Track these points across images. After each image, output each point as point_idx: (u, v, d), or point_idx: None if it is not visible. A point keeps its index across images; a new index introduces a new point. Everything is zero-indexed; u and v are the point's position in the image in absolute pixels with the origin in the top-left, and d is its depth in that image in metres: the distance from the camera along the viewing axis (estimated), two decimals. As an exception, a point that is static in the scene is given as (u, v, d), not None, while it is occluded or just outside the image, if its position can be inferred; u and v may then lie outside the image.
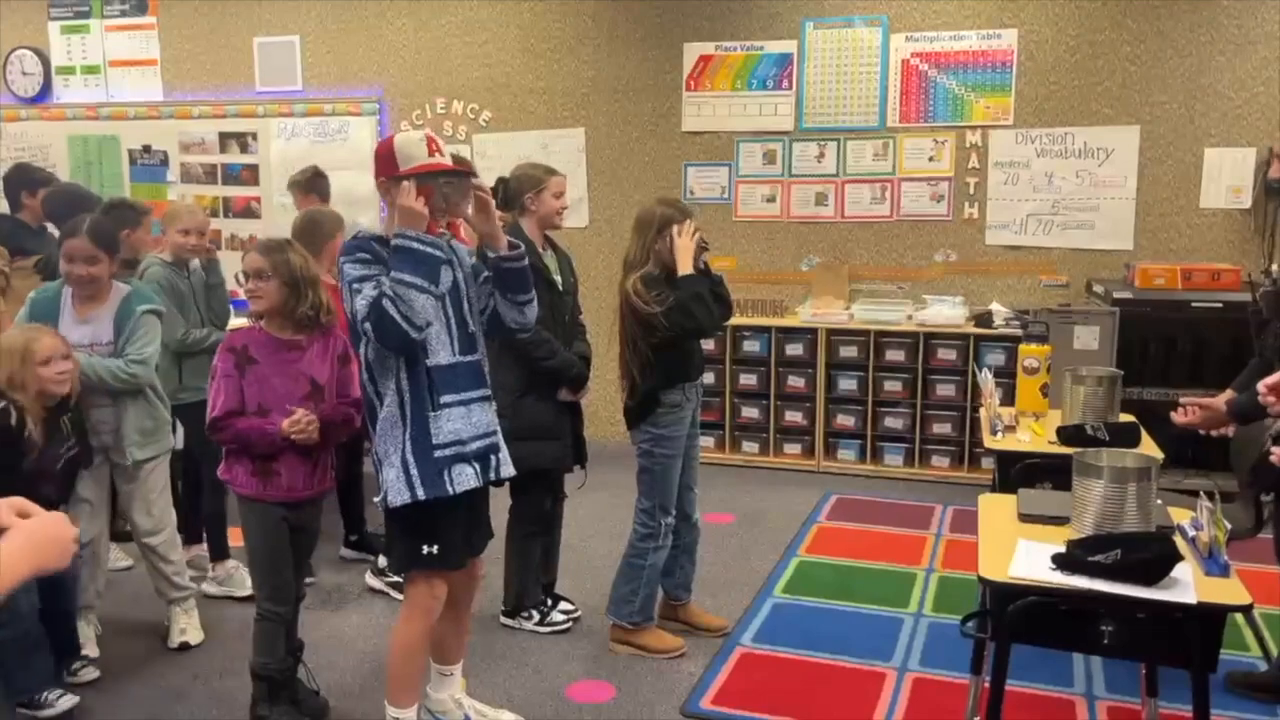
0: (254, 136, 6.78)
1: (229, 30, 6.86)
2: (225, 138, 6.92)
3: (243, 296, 3.08)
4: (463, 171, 2.73)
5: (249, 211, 6.93)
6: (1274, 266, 3.02)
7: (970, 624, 2.34)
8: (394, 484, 2.67)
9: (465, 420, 2.72)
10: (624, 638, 3.58)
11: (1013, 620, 2.04)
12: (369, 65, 6.63)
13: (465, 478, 2.72)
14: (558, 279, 3.69)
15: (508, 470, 2.87)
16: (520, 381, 3.54)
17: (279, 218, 5.82)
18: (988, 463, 5.50)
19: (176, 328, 3.84)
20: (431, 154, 2.65)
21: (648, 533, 3.50)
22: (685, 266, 3.32)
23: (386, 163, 2.67)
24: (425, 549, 2.73)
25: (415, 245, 2.56)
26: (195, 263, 4.05)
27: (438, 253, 2.60)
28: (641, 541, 3.52)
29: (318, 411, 2.95)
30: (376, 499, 2.74)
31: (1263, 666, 3.36)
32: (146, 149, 7.10)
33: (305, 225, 4.11)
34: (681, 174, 6.20)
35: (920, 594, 4.06)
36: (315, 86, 6.75)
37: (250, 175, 6.90)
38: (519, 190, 3.63)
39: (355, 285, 2.60)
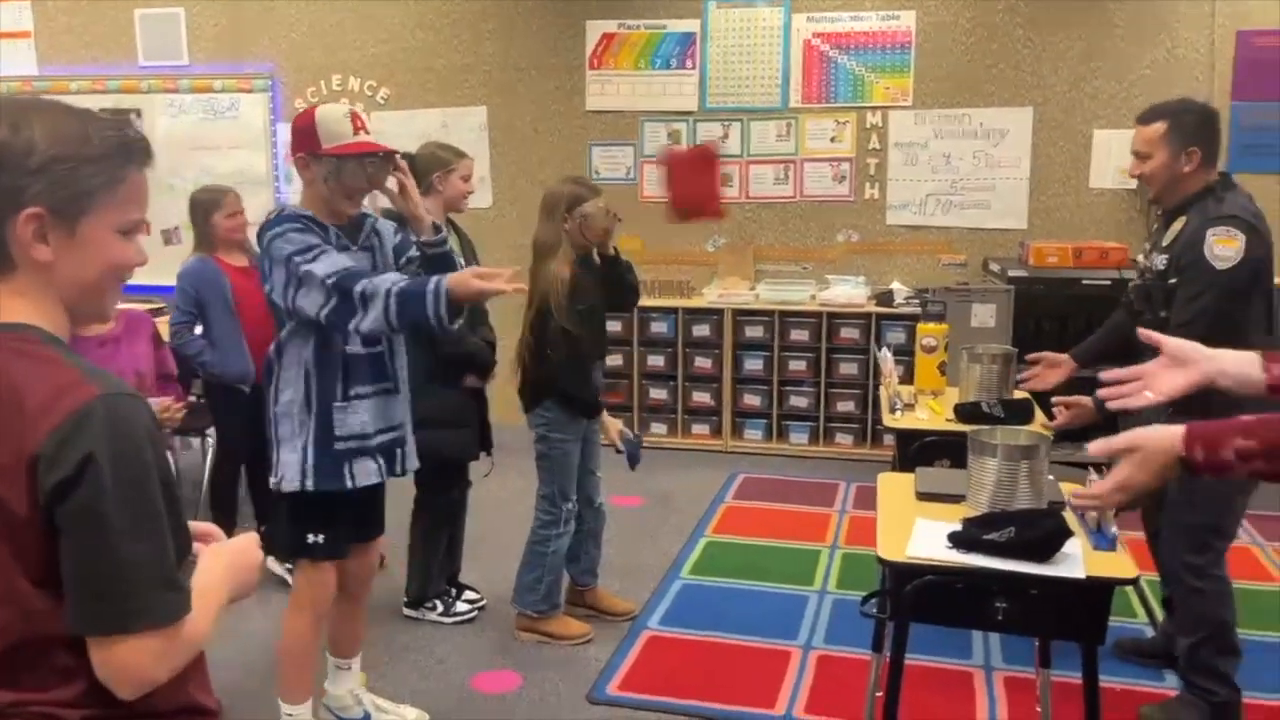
0: (138, 113, 6.46)
1: (108, 1, 6.52)
2: (109, 114, 6.59)
3: None
4: (388, 153, 2.61)
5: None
6: (1140, 258, 3.12)
7: (870, 604, 2.35)
8: (290, 468, 2.58)
9: (372, 413, 2.63)
10: (530, 625, 3.53)
11: (910, 600, 2.05)
12: (260, 40, 6.38)
13: (367, 472, 2.64)
14: (460, 262, 3.60)
15: (413, 463, 2.80)
16: (424, 368, 3.44)
17: (166, 199, 5.56)
18: (890, 440, 5.60)
19: None
20: (356, 131, 2.53)
21: (549, 519, 3.46)
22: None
23: (306, 138, 2.53)
24: (311, 537, 2.65)
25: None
26: None
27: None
28: (543, 528, 3.47)
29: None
30: (273, 478, 2.64)
31: (1150, 633, 3.49)
32: (21, 126, 6.72)
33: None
34: (586, 154, 6.13)
35: (825, 571, 4.11)
36: (202, 61, 6.47)
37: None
38: (425, 170, 3.52)
39: (301, 255, 2.45)
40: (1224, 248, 2.69)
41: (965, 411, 3.18)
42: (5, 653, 1.13)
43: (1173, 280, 2.82)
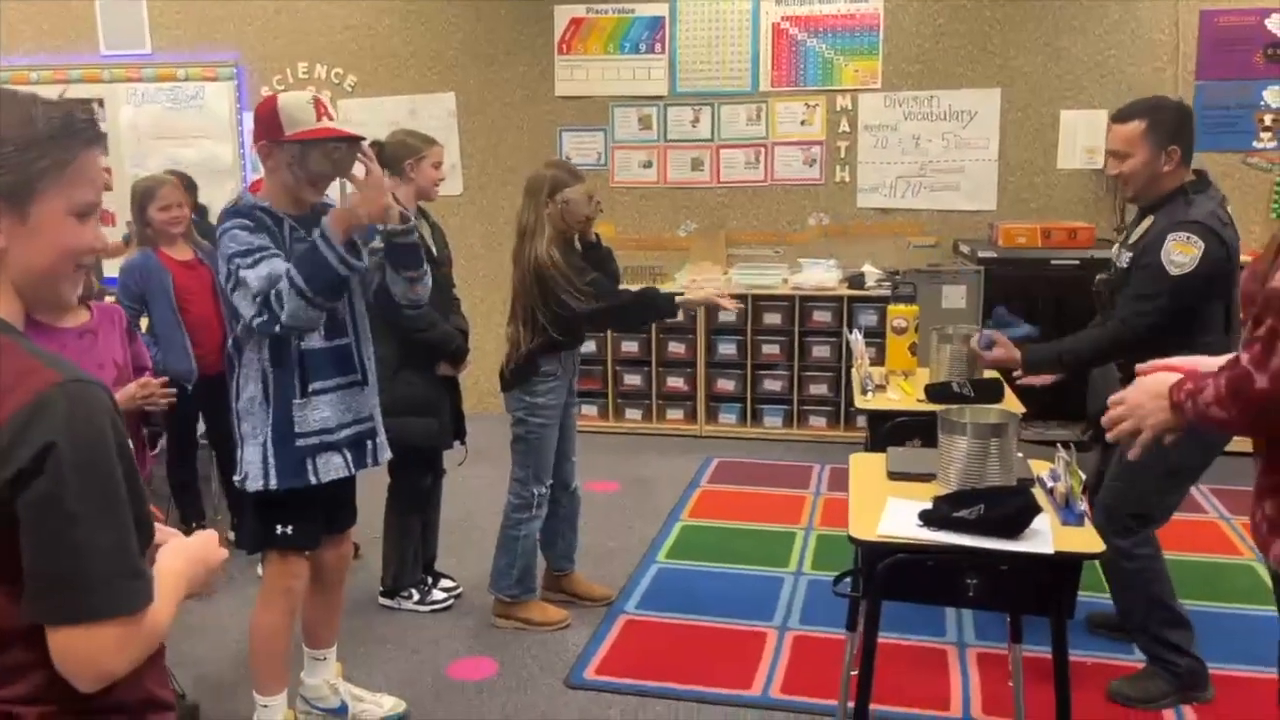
0: (100, 103, 6.37)
1: (68, -12, 6.42)
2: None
3: None
4: (353, 138, 2.57)
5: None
6: (1113, 250, 3.17)
7: (843, 584, 2.37)
8: (253, 466, 2.56)
9: (336, 407, 2.61)
10: (506, 612, 3.54)
11: (881, 578, 2.07)
12: (224, 27, 6.30)
13: (332, 467, 2.62)
14: (433, 250, 3.59)
15: (385, 454, 2.79)
16: (396, 356, 3.43)
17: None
18: (863, 421, 5.63)
19: None
20: (320, 118, 2.48)
21: (521, 503, 3.46)
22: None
23: (269, 125, 2.48)
24: (280, 529, 2.63)
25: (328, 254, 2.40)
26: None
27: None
28: (515, 512, 3.47)
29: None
30: (237, 477, 2.62)
31: (1119, 606, 3.53)
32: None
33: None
34: (557, 139, 6.11)
35: (800, 553, 4.14)
36: (166, 49, 6.38)
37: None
38: (396, 158, 3.49)
39: (241, 258, 2.42)
40: (1180, 254, 2.74)
41: (936, 391, 3.20)
42: None
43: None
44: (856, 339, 3.53)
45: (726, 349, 5.82)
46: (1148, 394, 1.75)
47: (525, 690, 3.16)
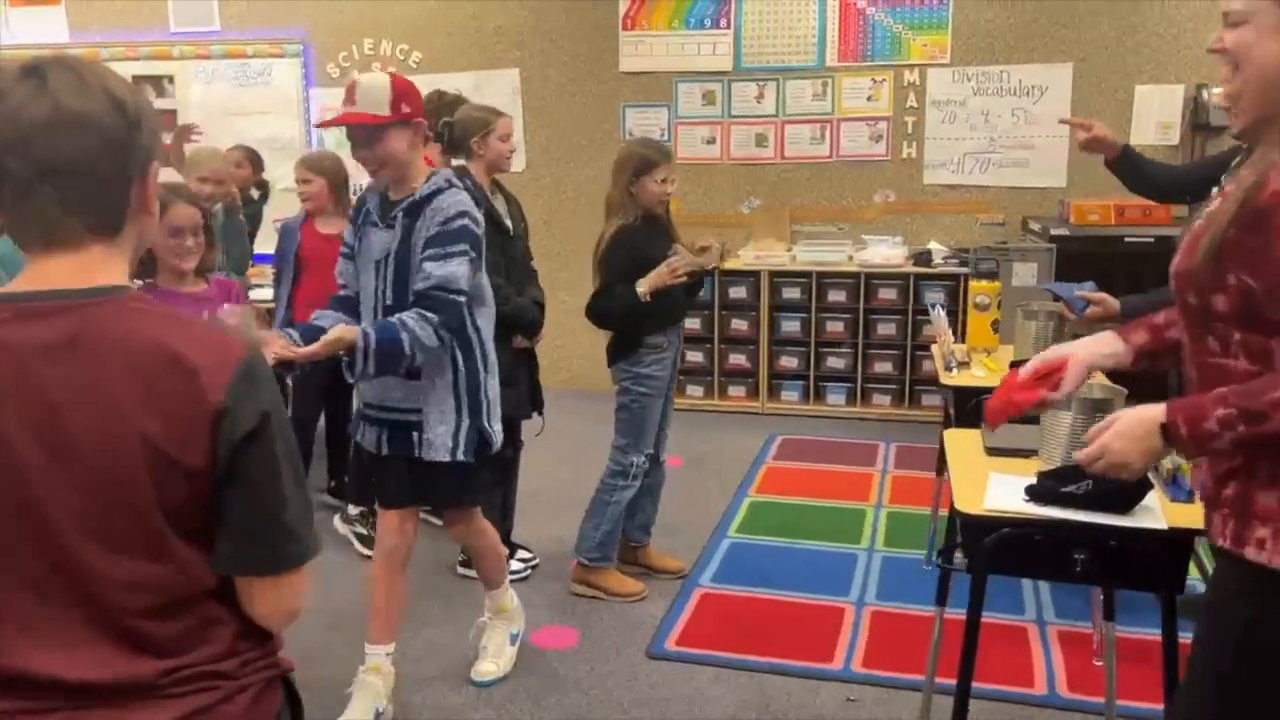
0: (170, 80, 6.46)
1: (138, -34, 6.50)
2: (139, 81, 6.57)
3: None
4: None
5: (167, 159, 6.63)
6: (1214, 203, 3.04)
7: (941, 557, 2.37)
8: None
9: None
10: (585, 577, 3.58)
11: (988, 552, 2.07)
12: (291, 4, 6.35)
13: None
14: (508, 224, 3.61)
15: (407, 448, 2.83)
16: (473, 329, 3.48)
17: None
18: (929, 400, 5.60)
19: None
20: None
21: (619, 470, 3.51)
22: (648, 284, 3.32)
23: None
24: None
25: None
26: (217, 208, 4.06)
27: None
28: (610, 479, 3.53)
29: None
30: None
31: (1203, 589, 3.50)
32: (53, 94, 6.72)
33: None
34: (620, 116, 6.10)
35: (871, 530, 4.13)
36: (234, 27, 6.45)
37: (169, 120, 6.57)
38: (465, 134, 3.52)
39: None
40: None
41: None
42: (160, 611, 1.14)
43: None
44: (939, 316, 3.51)
45: (790, 326, 5.80)
46: (1123, 437, 1.57)
47: (607, 659, 3.19)
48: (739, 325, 5.86)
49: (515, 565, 3.76)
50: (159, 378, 1.10)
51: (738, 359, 5.92)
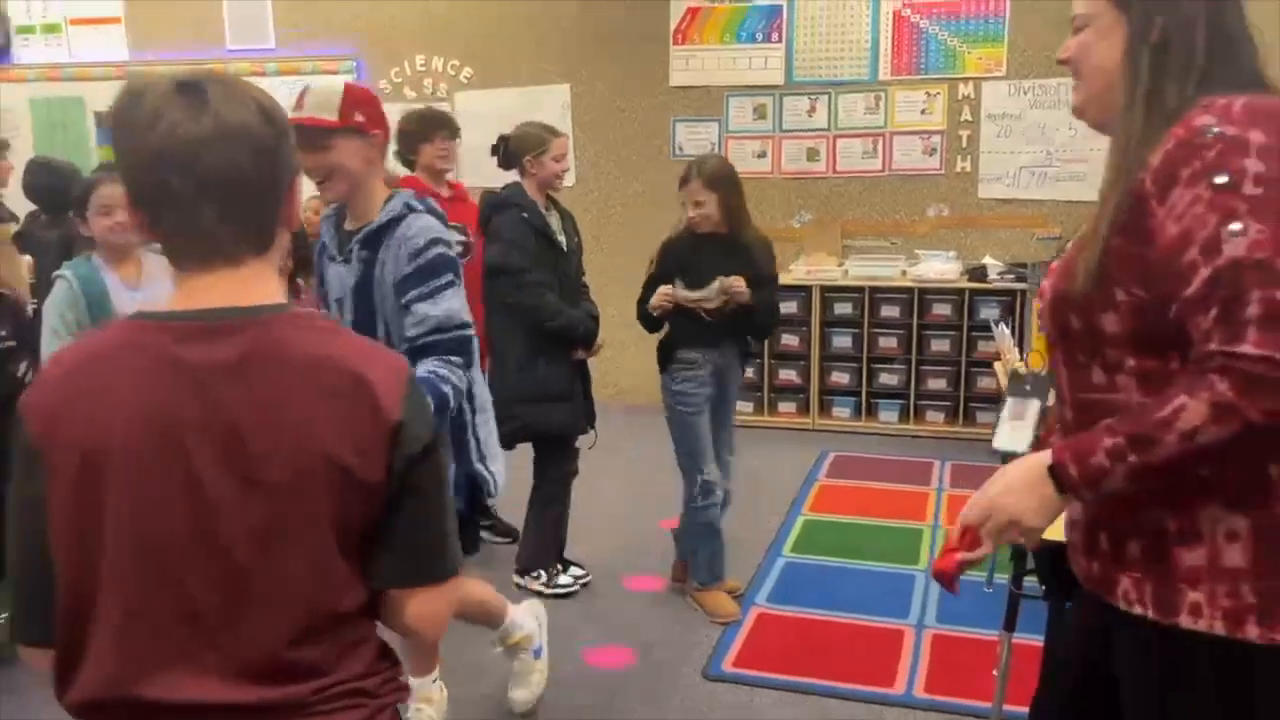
0: (226, 96, 6.55)
1: (196, -15, 6.61)
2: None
3: None
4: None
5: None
6: None
7: (1012, 583, 2.30)
8: None
9: None
10: (692, 593, 3.63)
11: (1067, 576, 2.00)
12: (344, 21, 6.43)
13: None
14: (561, 239, 3.62)
15: None
16: (527, 346, 3.48)
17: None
18: (984, 417, 5.51)
19: None
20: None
21: (694, 490, 3.50)
22: (653, 301, 3.37)
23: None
24: None
25: None
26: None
27: None
28: (690, 500, 3.53)
29: None
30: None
31: None
32: (113, 111, 6.86)
33: None
34: (670, 130, 6.09)
35: (929, 550, 4.05)
36: (289, 44, 6.54)
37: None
38: (519, 150, 3.55)
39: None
40: None
41: None
42: (315, 630, 1.12)
43: None
44: (1004, 333, 3.44)
45: (841, 342, 5.74)
46: (1011, 491, 1.35)
47: (663, 680, 3.15)
48: (790, 340, 5.80)
49: (564, 580, 3.74)
50: (339, 394, 1.09)
51: (788, 374, 5.86)
